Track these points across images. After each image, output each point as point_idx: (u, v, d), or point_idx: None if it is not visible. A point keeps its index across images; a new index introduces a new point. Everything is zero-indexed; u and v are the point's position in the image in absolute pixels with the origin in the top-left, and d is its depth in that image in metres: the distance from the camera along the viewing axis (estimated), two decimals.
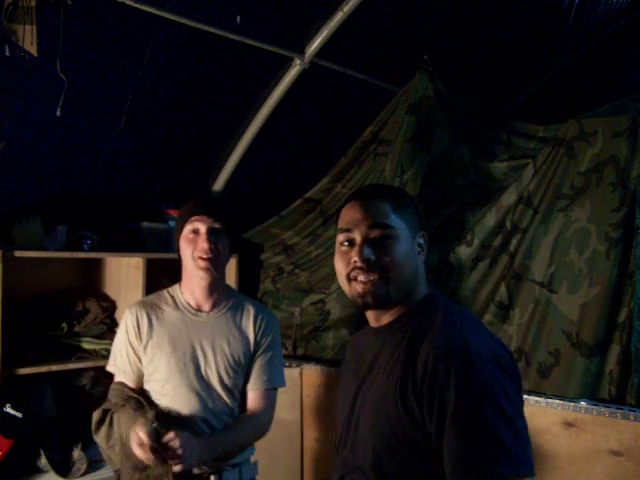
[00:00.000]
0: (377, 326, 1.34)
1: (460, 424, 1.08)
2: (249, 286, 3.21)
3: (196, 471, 1.89)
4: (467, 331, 1.20)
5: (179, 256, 2.00)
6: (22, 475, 2.38)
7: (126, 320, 2.00)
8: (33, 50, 2.08)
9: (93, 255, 2.72)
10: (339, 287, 2.91)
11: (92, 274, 2.97)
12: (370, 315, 1.35)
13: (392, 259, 1.25)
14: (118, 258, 2.81)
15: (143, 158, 2.92)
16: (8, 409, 2.30)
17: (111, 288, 2.93)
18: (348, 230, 1.30)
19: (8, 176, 2.53)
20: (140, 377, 1.99)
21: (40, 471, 2.42)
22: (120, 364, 2.00)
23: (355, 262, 1.26)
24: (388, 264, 1.25)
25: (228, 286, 2.14)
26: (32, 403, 2.44)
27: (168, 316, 2.00)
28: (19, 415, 2.30)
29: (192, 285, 2.00)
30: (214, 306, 2.02)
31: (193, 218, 1.94)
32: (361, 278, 1.26)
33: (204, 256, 1.91)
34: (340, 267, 1.31)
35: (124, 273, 2.83)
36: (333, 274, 3.03)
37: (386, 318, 1.31)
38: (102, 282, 2.96)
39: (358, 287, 1.27)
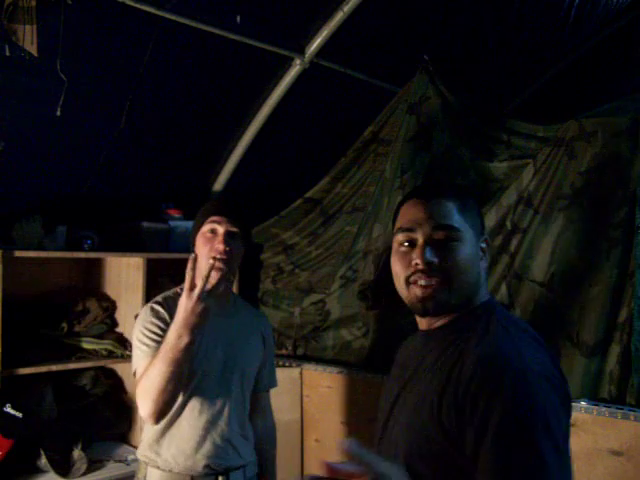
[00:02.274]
0: (427, 329, 1.27)
1: (505, 439, 1.01)
2: (249, 286, 3.21)
3: (204, 472, 1.90)
4: (522, 343, 1.13)
5: (194, 252, 1.98)
6: (22, 475, 2.38)
7: (149, 316, 1.92)
8: (33, 50, 2.08)
9: (93, 255, 2.72)
10: (339, 287, 2.98)
11: (92, 274, 2.97)
12: (422, 319, 1.27)
13: (455, 263, 1.18)
14: (118, 258, 2.81)
15: (143, 158, 2.92)
16: (8, 409, 2.30)
17: (111, 288, 2.93)
18: (410, 230, 1.22)
19: (8, 176, 2.53)
20: None
21: (40, 471, 2.42)
22: (151, 352, 1.84)
23: (417, 265, 1.18)
24: (451, 268, 1.18)
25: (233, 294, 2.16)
26: (32, 403, 2.45)
27: None
28: (19, 415, 2.31)
29: None
30: (227, 306, 2.03)
31: (213, 218, 1.94)
32: (422, 282, 1.18)
33: (218, 257, 1.90)
34: (398, 269, 1.23)
35: (124, 273, 2.83)
36: (333, 274, 3.03)
37: (438, 323, 1.24)
38: (102, 282, 2.96)
39: (418, 291, 1.19)
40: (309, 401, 2.94)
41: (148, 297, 2.57)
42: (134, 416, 2.79)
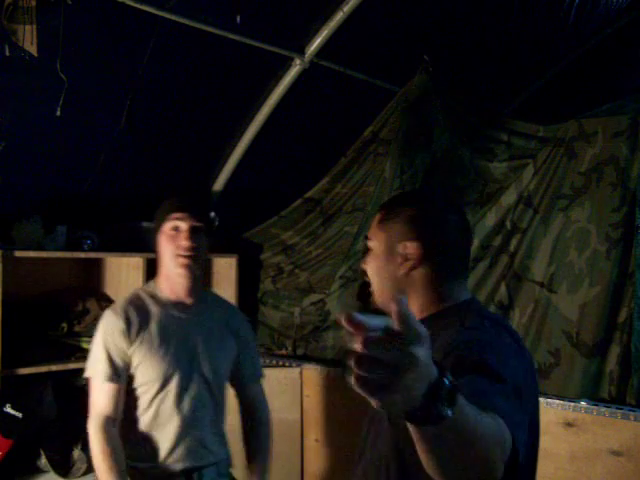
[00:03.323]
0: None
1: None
2: (249, 286, 3.21)
3: (179, 468, 1.90)
4: (493, 333, 1.17)
5: (157, 252, 1.99)
6: (22, 475, 2.38)
7: (109, 321, 1.92)
8: (33, 50, 2.08)
9: (93, 255, 2.72)
10: (339, 287, 2.98)
11: (92, 274, 2.97)
12: None
13: None
14: (118, 258, 2.81)
15: (143, 158, 2.92)
16: (8, 409, 2.30)
17: (111, 288, 2.92)
18: None
19: (8, 176, 2.53)
20: (125, 381, 1.92)
21: (40, 471, 2.42)
22: (106, 369, 1.88)
23: None
24: None
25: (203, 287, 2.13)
26: (32, 403, 2.44)
27: (154, 314, 1.95)
28: (19, 415, 2.30)
29: (171, 283, 1.98)
30: (196, 303, 2.01)
31: (175, 215, 1.92)
32: None
33: (184, 254, 1.90)
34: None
35: (124, 273, 2.83)
36: (333, 274, 3.03)
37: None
38: (102, 282, 2.96)
39: None
40: (309, 401, 2.94)
41: None
42: None
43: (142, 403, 1.92)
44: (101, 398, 1.89)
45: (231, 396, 2.17)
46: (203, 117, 2.94)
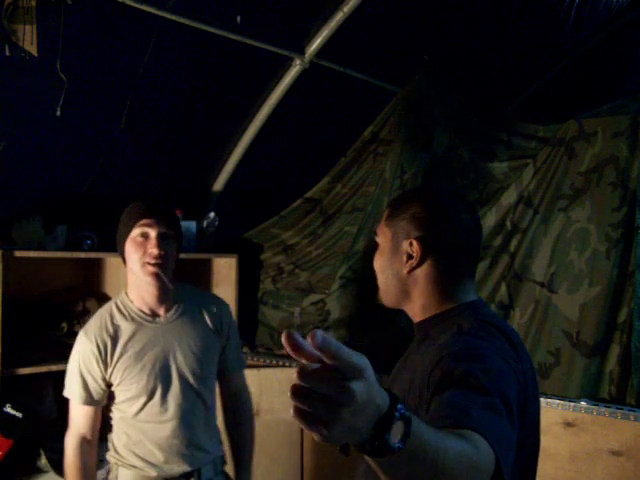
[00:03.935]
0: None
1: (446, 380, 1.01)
2: (249, 286, 3.21)
3: (177, 473, 1.90)
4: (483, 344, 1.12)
5: (123, 259, 1.94)
6: (22, 475, 2.38)
7: (83, 347, 1.89)
8: (33, 50, 2.08)
9: (93, 255, 2.72)
10: (339, 287, 2.98)
11: (92, 274, 2.97)
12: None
13: None
14: (118, 258, 2.79)
15: (143, 158, 2.92)
16: (8, 409, 2.30)
17: (111, 288, 2.92)
18: None
19: (8, 176, 2.53)
20: (103, 403, 1.92)
21: (40, 471, 2.42)
22: (81, 392, 1.88)
23: None
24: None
25: (178, 284, 2.02)
26: (32, 403, 2.44)
27: (126, 331, 1.91)
28: (19, 415, 2.30)
29: (141, 291, 1.93)
30: (168, 309, 1.96)
31: (143, 221, 1.86)
32: None
33: (153, 262, 1.84)
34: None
35: (124, 273, 2.80)
36: (333, 274, 3.03)
37: (416, 319, 1.32)
38: (102, 282, 2.96)
39: None
40: None
41: None
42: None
43: (129, 415, 1.90)
44: (78, 417, 1.90)
45: None
46: (203, 117, 2.94)
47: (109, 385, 1.90)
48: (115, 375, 1.88)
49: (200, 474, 1.93)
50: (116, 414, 1.93)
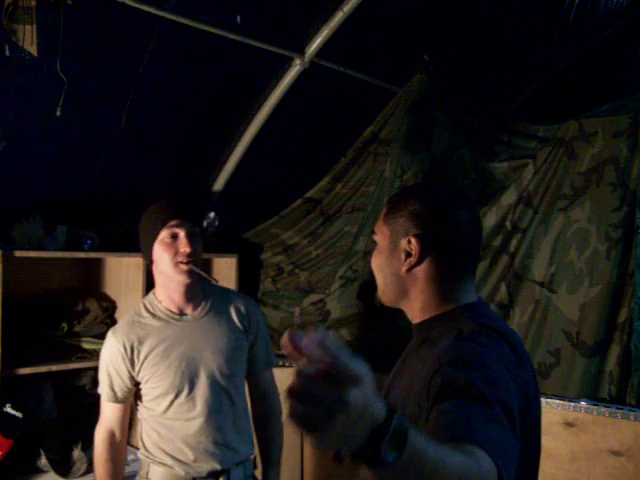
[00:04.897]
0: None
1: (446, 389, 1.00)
2: (249, 286, 3.21)
3: (205, 471, 1.91)
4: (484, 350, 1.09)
5: (151, 261, 1.96)
6: (22, 475, 2.38)
7: (110, 346, 1.94)
8: (33, 50, 2.08)
9: (93, 255, 2.72)
10: (339, 287, 2.98)
11: (92, 274, 2.97)
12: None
13: None
14: (118, 258, 2.81)
15: (143, 158, 2.92)
16: (8, 409, 2.30)
17: (111, 288, 2.93)
18: None
19: (8, 176, 2.53)
20: (129, 402, 1.98)
21: (40, 471, 2.42)
22: (108, 391, 1.95)
23: None
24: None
25: (205, 282, 2.07)
26: (32, 403, 2.44)
27: (154, 329, 1.94)
28: (19, 415, 2.31)
29: (170, 291, 1.96)
30: (196, 307, 2.00)
31: (170, 223, 1.90)
32: None
33: (185, 260, 1.89)
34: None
35: (124, 273, 2.83)
36: (333, 274, 3.03)
37: (415, 320, 1.30)
38: (102, 282, 2.96)
39: None
40: None
41: None
42: (133, 417, 2.79)
43: (158, 413, 1.93)
44: (106, 413, 1.98)
45: None
46: (203, 117, 2.94)
47: (137, 383, 1.94)
48: (142, 373, 1.92)
49: (229, 475, 1.94)
50: (145, 412, 1.96)
